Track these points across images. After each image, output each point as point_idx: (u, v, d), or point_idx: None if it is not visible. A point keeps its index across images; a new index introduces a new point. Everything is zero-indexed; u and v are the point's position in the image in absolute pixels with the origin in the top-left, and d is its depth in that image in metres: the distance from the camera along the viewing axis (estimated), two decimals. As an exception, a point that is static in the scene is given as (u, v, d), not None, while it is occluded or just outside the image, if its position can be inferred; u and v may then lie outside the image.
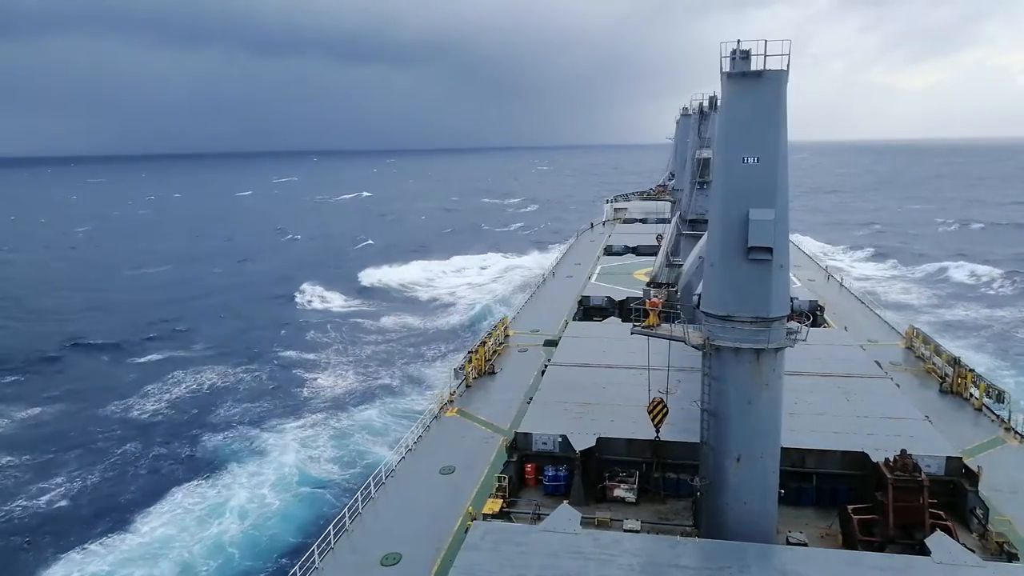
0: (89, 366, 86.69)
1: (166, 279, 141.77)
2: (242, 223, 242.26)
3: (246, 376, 79.53)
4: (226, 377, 79.37)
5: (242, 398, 72.67)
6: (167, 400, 72.97)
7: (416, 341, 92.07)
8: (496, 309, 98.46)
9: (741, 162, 25.37)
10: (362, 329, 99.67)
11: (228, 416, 67.75)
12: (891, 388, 42.14)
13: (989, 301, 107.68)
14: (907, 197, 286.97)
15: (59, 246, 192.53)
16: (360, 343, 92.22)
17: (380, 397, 70.24)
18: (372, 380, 76.30)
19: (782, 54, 24.55)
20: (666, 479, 35.18)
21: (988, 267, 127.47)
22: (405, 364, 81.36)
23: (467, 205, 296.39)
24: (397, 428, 60.22)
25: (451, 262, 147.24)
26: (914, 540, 27.31)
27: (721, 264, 26.25)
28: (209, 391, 75.39)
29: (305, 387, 75.55)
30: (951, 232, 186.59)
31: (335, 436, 60.36)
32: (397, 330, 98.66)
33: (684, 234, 58.04)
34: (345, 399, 70.65)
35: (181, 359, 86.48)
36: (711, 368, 27.44)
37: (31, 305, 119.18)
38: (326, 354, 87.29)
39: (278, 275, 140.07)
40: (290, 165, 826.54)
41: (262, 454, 57.51)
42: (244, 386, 76.68)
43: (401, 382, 75.00)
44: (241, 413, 68.24)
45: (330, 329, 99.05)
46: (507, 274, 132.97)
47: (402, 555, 30.14)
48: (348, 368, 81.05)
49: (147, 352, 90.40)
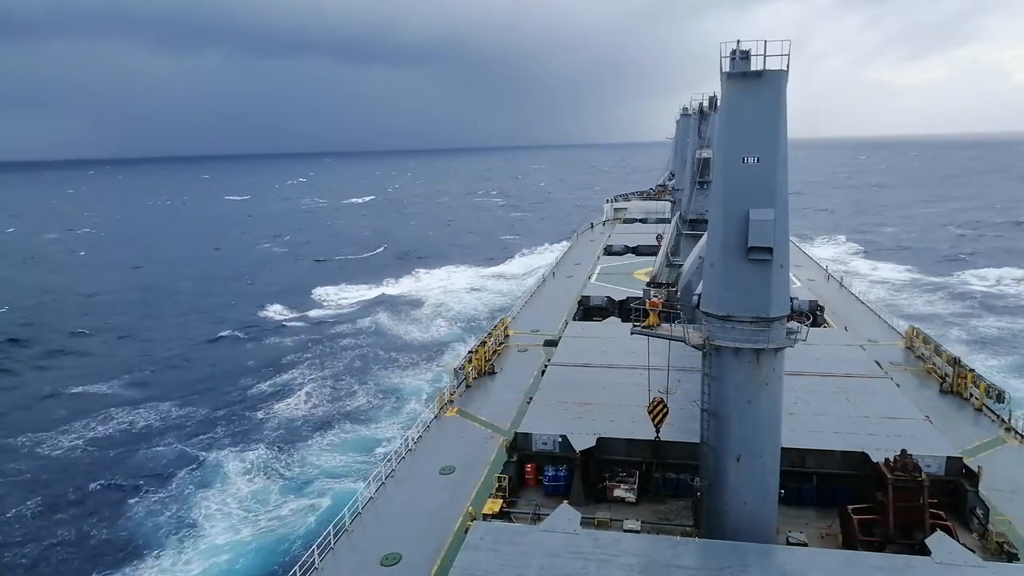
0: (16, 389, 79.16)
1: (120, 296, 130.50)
2: (232, 233, 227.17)
3: (189, 411, 70.64)
4: (165, 413, 70.43)
5: (185, 435, 64.59)
6: (90, 439, 64.16)
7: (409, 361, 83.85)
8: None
9: (741, 162, 25.37)
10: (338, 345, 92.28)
11: (159, 466, 58.43)
12: (891, 388, 42.13)
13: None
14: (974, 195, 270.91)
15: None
16: (330, 364, 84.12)
17: (343, 427, 63.79)
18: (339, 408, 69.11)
19: (782, 54, 24.57)
20: (666, 479, 35.19)
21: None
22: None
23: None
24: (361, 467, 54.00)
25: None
26: (914, 540, 27.30)
27: (721, 264, 26.24)
28: (141, 431, 66.13)
29: (261, 412, 68.76)
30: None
31: (287, 490, 51.96)
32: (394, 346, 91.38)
33: (684, 234, 58.09)
34: (302, 434, 63.06)
35: (112, 395, 76.77)
36: (711, 368, 27.43)
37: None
38: (292, 375, 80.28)
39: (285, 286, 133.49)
40: (293, 168, 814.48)
41: (193, 529, 47.83)
42: (188, 420, 68.18)
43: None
44: (175, 459, 59.34)
45: (309, 344, 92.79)
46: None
47: (402, 555, 30.14)
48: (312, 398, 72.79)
49: (69, 376, 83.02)
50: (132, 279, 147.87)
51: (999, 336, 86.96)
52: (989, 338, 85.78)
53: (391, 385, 75.01)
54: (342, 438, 61.69)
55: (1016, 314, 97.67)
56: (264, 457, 58.32)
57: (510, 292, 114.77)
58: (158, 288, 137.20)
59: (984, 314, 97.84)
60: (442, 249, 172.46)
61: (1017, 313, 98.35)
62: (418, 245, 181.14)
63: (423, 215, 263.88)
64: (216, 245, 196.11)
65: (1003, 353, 79.34)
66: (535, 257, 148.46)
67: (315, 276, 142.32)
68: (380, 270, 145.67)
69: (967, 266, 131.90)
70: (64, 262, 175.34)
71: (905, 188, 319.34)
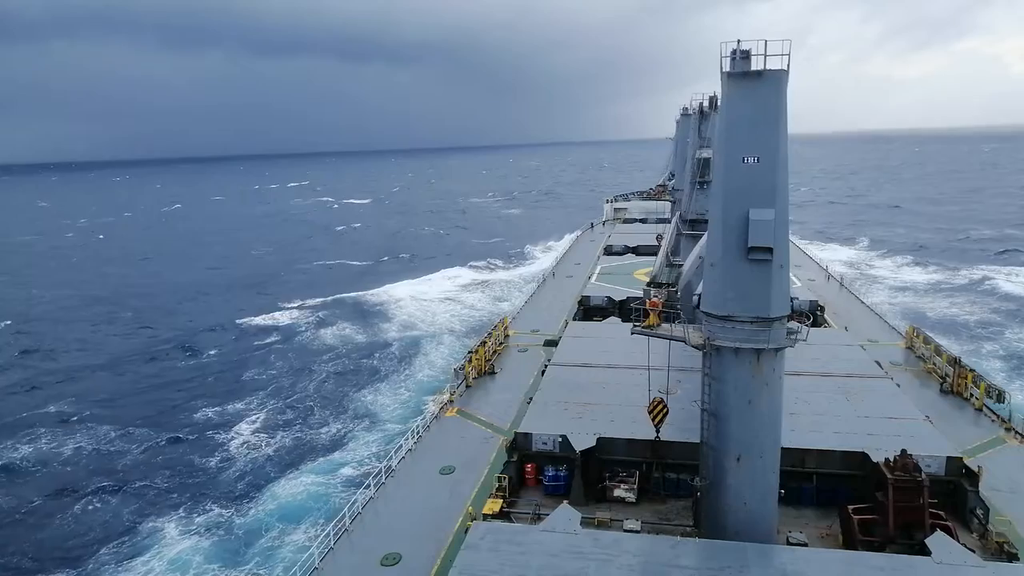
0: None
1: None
2: (218, 237, 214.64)
3: (125, 445, 62.05)
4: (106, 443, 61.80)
5: (118, 478, 55.74)
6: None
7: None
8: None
9: (741, 162, 25.36)
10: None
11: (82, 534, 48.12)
12: (891, 388, 42.13)
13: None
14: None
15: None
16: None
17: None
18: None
19: (782, 54, 24.56)
20: (666, 479, 35.17)
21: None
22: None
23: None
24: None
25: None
26: (914, 540, 27.29)
27: (721, 264, 26.23)
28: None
29: (212, 445, 61.03)
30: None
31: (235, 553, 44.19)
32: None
33: (684, 234, 58.07)
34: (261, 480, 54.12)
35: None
36: (711, 368, 27.43)
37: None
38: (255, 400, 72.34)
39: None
40: (297, 168, 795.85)
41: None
42: (123, 457, 59.53)
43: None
44: (100, 518, 49.93)
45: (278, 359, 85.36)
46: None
47: (402, 555, 30.14)
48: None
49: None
50: (92, 284, 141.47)
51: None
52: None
53: (365, 409, 66.85)
54: (301, 484, 51.96)
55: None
56: (213, 511, 49.71)
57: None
58: (126, 294, 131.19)
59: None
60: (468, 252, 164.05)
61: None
62: (432, 249, 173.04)
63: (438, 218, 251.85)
64: (194, 249, 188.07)
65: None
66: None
67: (306, 282, 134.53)
68: (391, 275, 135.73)
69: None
70: (40, 267, 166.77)
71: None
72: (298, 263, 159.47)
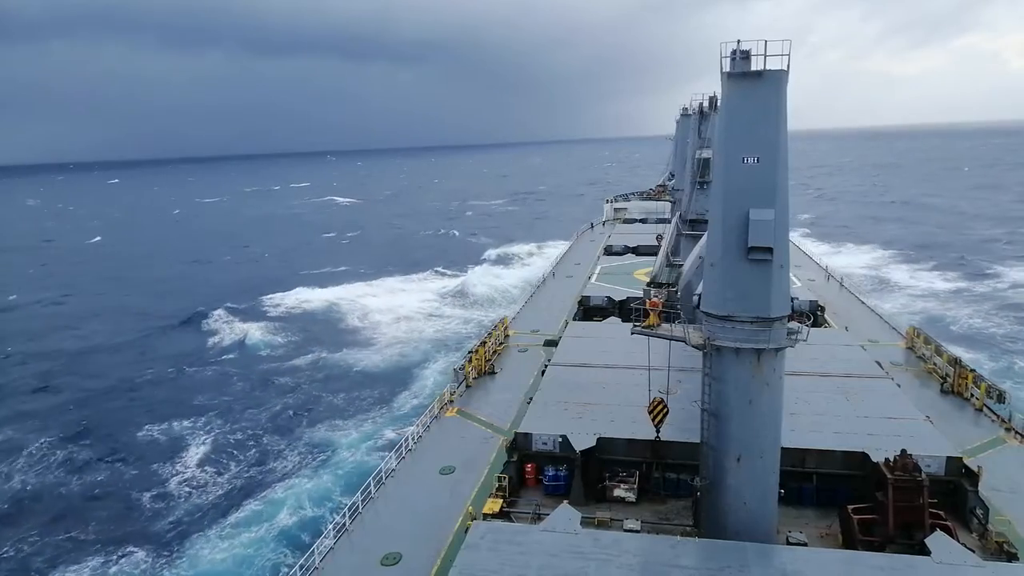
0: None
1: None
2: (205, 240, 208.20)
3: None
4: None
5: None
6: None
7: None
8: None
9: (741, 162, 25.37)
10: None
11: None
12: (891, 388, 42.13)
13: None
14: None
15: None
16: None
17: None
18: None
19: (782, 54, 24.57)
20: (666, 479, 35.18)
21: None
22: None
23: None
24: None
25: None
26: (914, 540, 27.30)
27: (721, 264, 26.24)
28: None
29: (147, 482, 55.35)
30: None
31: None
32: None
33: (684, 234, 58.08)
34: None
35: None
36: (711, 368, 27.43)
37: None
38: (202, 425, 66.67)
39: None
40: (298, 168, 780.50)
41: None
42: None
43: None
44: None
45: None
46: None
47: (402, 555, 30.15)
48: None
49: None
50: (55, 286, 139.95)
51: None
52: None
53: (323, 438, 61.84)
54: (247, 530, 47.00)
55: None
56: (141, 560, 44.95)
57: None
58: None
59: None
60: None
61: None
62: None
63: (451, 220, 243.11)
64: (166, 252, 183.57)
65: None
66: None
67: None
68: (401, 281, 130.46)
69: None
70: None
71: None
72: (303, 267, 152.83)
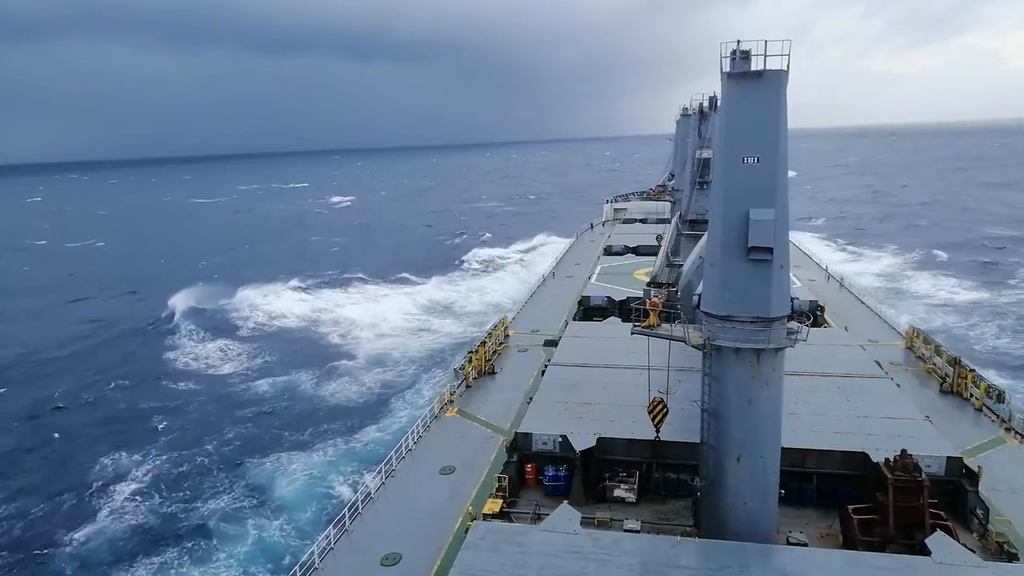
0: None
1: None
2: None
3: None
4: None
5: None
6: None
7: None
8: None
9: (741, 162, 25.37)
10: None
11: None
12: (891, 388, 42.13)
13: None
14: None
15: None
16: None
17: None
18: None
19: (782, 54, 24.57)
20: (666, 479, 35.16)
21: None
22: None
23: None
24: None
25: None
26: (914, 540, 27.31)
27: (721, 264, 26.24)
28: None
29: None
30: None
31: None
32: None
33: (684, 234, 58.13)
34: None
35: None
36: (711, 368, 27.43)
37: None
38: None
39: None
40: (298, 168, 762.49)
41: None
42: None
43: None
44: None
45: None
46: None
47: (402, 555, 30.15)
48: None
49: None
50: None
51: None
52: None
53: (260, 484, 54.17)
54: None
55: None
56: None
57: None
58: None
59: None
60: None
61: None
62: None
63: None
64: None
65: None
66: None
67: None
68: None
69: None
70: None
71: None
72: (289, 271, 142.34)
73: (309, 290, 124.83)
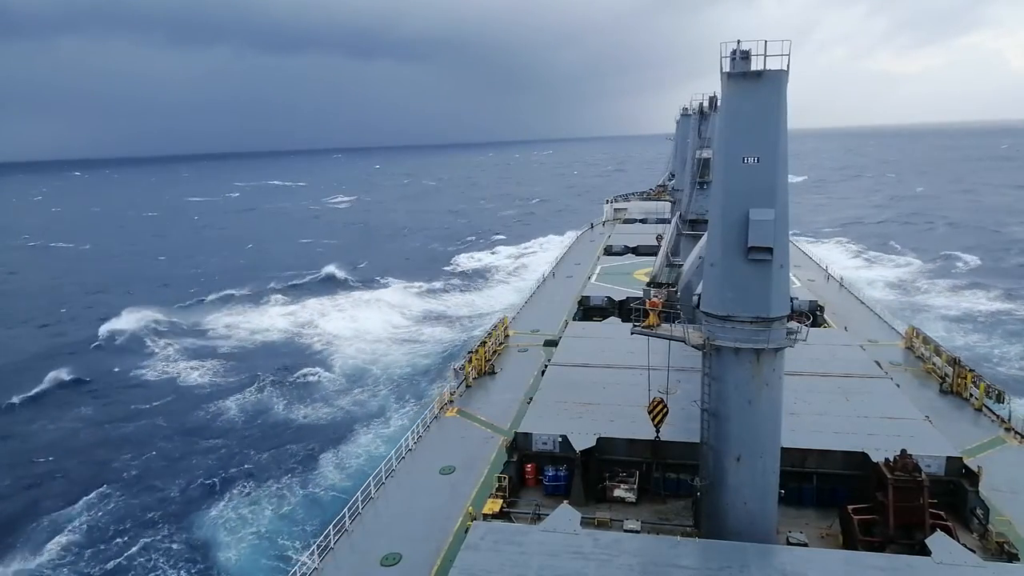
0: None
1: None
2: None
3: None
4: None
5: None
6: None
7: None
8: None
9: (741, 162, 25.38)
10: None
11: None
12: (891, 388, 42.13)
13: None
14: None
15: None
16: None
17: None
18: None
19: (782, 54, 24.57)
20: (666, 479, 35.18)
21: None
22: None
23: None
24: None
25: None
26: (914, 540, 27.30)
27: (721, 264, 26.25)
28: None
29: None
30: None
31: None
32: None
33: (684, 234, 58.07)
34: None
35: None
36: (711, 368, 27.44)
37: None
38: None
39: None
40: (301, 166, 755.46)
41: None
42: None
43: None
44: None
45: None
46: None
47: (402, 555, 30.15)
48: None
49: None
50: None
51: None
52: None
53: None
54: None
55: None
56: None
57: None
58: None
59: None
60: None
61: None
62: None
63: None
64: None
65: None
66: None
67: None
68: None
69: None
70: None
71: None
72: (276, 274, 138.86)
73: (293, 296, 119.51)
